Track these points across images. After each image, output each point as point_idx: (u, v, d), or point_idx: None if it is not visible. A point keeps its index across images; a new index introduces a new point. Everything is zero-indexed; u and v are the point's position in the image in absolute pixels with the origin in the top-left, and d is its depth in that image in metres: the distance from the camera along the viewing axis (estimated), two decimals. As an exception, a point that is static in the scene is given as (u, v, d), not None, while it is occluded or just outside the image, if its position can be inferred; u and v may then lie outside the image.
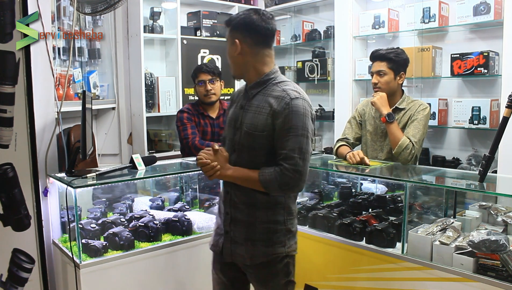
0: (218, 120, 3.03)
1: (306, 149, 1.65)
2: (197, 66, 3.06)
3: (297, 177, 1.64)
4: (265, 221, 1.74)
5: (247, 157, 1.73)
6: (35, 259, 2.18)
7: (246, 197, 1.75)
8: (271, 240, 1.74)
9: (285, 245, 1.76)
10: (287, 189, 1.68)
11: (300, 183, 1.66)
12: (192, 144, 2.86)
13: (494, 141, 1.92)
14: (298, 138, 1.64)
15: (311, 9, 4.30)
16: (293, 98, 1.65)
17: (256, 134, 1.69)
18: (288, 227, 1.77)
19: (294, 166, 1.63)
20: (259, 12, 1.70)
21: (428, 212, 2.39)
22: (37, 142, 2.16)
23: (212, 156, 1.73)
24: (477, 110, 3.05)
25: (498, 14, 2.94)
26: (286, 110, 1.64)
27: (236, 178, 1.73)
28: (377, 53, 2.53)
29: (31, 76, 2.09)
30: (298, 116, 1.64)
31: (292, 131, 1.64)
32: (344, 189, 2.62)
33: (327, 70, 3.95)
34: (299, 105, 1.65)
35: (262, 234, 1.74)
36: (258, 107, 1.71)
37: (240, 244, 1.77)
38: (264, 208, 1.74)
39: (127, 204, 2.58)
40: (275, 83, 1.73)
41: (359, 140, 2.72)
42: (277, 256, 1.75)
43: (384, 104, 2.47)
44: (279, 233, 1.75)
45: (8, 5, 2.02)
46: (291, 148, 1.63)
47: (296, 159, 1.63)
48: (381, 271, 2.07)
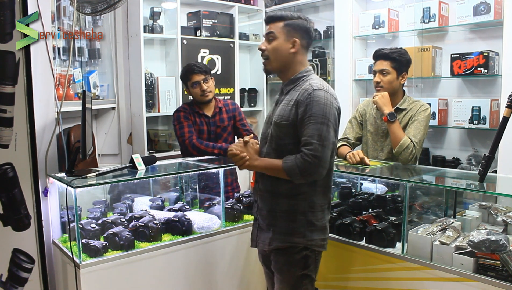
0: (214, 119, 2.99)
1: (326, 136, 1.72)
2: (187, 67, 2.97)
3: (316, 162, 1.70)
4: (285, 210, 1.83)
5: (276, 146, 1.84)
6: (35, 259, 2.18)
7: (270, 186, 1.86)
8: (291, 229, 1.82)
9: (304, 237, 1.82)
10: (308, 175, 1.74)
11: (320, 169, 1.72)
12: (190, 143, 2.83)
13: (494, 141, 1.92)
14: (317, 125, 1.72)
15: (311, 9, 4.30)
16: (316, 89, 1.76)
17: (282, 124, 1.81)
18: (309, 219, 1.82)
19: (312, 151, 1.70)
20: (307, 19, 1.90)
21: (428, 212, 2.39)
22: (37, 142, 2.16)
23: (242, 148, 1.86)
24: (477, 110, 3.05)
25: (498, 14, 2.94)
26: (308, 99, 1.75)
27: (262, 168, 1.85)
28: (380, 52, 2.53)
29: (31, 76, 2.09)
30: (319, 104, 1.73)
31: (312, 118, 1.73)
32: (344, 189, 2.62)
33: (327, 70, 3.95)
34: (320, 95, 1.75)
35: (281, 221, 1.83)
36: (287, 100, 1.84)
37: (264, 231, 1.90)
38: (287, 197, 1.83)
39: (127, 204, 2.58)
40: (307, 80, 1.85)
41: (360, 140, 2.73)
42: (295, 246, 1.82)
43: (386, 103, 2.47)
44: (298, 223, 1.82)
45: (8, 5, 2.01)
46: (310, 134, 1.72)
47: (315, 144, 1.70)
48: (381, 271, 2.07)
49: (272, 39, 1.85)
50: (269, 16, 1.90)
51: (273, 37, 1.85)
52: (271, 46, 1.85)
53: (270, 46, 1.85)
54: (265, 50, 1.86)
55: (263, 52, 1.87)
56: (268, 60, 1.87)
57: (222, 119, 3.02)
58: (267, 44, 1.86)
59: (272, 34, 1.85)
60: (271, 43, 1.85)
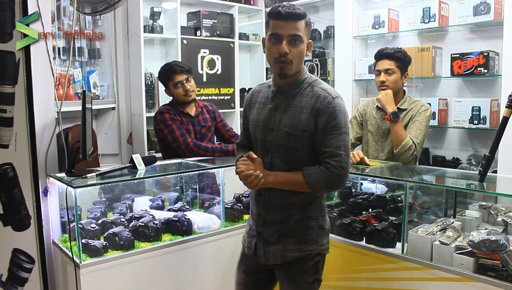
0: (197, 118, 2.93)
1: (349, 146, 1.70)
2: (167, 67, 2.86)
3: (343, 173, 1.66)
4: (298, 219, 1.75)
5: (286, 157, 1.72)
6: (35, 259, 2.18)
7: (281, 199, 1.74)
8: (304, 237, 1.75)
9: (317, 243, 1.77)
10: (334, 187, 1.71)
11: (345, 179, 1.69)
12: (187, 148, 2.75)
13: (494, 141, 1.92)
14: (342, 135, 1.66)
15: (311, 9, 4.30)
16: (335, 97, 1.68)
17: (298, 134, 1.68)
18: (320, 224, 1.78)
19: (340, 163, 1.65)
20: None
21: (428, 212, 2.39)
22: (37, 142, 2.16)
23: (251, 165, 1.71)
24: (477, 110, 3.05)
25: (498, 14, 2.94)
26: (329, 109, 1.65)
27: (278, 183, 1.71)
28: (385, 51, 2.54)
29: (31, 76, 2.09)
30: (341, 114, 1.67)
31: (337, 129, 1.66)
32: (344, 189, 2.62)
33: (327, 70, 3.95)
34: (340, 104, 1.68)
35: (295, 231, 1.75)
36: (298, 107, 1.69)
37: (273, 244, 1.77)
38: (299, 207, 1.74)
39: (127, 204, 2.58)
40: (310, 82, 1.73)
41: (360, 140, 2.73)
42: (309, 254, 1.76)
43: (389, 101, 2.47)
44: (311, 230, 1.76)
45: (8, 5, 2.01)
46: (336, 145, 1.66)
47: (342, 156, 1.66)
48: (381, 271, 2.07)
49: (298, 42, 1.64)
50: (292, 13, 1.62)
51: (299, 40, 1.64)
52: (297, 50, 1.65)
53: (296, 50, 1.64)
54: (289, 53, 1.64)
55: (285, 55, 1.64)
56: (291, 64, 1.66)
57: (206, 119, 2.97)
58: (291, 47, 1.64)
59: (299, 37, 1.64)
60: (297, 47, 1.65)
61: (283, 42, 1.63)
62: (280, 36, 1.64)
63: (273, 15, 1.65)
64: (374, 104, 2.66)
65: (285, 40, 1.63)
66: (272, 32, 1.66)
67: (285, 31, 1.63)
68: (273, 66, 1.71)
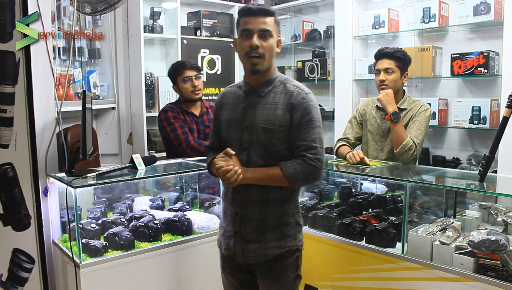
0: (202, 118, 2.96)
1: (323, 139, 1.75)
2: (178, 63, 2.95)
3: (319, 165, 1.71)
4: (277, 216, 1.76)
5: (263, 153, 1.74)
6: (35, 259, 2.18)
7: (259, 195, 1.75)
8: (283, 233, 1.78)
9: (295, 239, 1.80)
10: (311, 179, 1.75)
11: (321, 171, 1.74)
12: (188, 145, 2.77)
13: (494, 141, 1.92)
14: (316, 129, 1.72)
15: (311, 9, 4.30)
16: (307, 93, 1.75)
17: (276, 129, 1.71)
18: (297, 220, 1.82)
19: (316, 155, 1.70)
20: None
21: (428, 212, 2.39)
22: (37, 142, 2.16)
23: (229, 161, 1.70)
24: (477, 110, 3.05)
25: (498, 14, 2.94)
26: (304, 104, 1.71)
27: (257, 179, 1.72)
28: (385, 51, 2.54)
29: (31, 76, 2.09)
30: (314, 108, 1.73)
31: (311, 123, 1.71)
32: (344, 189, 2.62)
33: (327, 70, 3.95)
34: (313, 99, 1.75)
35: (274, 228, 1.76)
36: (273, 103, 1.74)
37: (252, 242, 1.76)
38: (276, 203, 1.76)
39: (127, 204, 2.58)
40: (282, 81, 1.79)
41: (360, 140, 2.73)
42: (289, 250, 1.78)
43: (390, 101, 2.48)
44: (289, 226, 1.79)
45: (8, 5, 2.01)
46: (311, 139, 1.71)
47: (318, 148, 1.71)
48: (381, 271, 2.07)
49: (268, 36, 1.69)
50: (261, 9, 1.70)
51: (269, 35, 1.70)
52: (267, 44, 1.69)
53: (267, 43, 1.69)
54: (260, 47, 1.68)
55: (256, 48, 1.68)
56: (262, 59, 1.70)
57: (210, 119, 2.97)
58: (262, 41, 1.68)
59: (269, 32, 1.69)
60: (267, 41, 1.69)
61: (253, 36, 1.69)
62: (251, 31, 1.69)
63: (243, 12, 1.73)
64: (374, 104, 2.66)
65: (255, 34, 1.69)
66: (242, 28, 1.71)
67: (255, 26, 1.69)
68: (245, 62, 1.75)
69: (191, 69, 2.87)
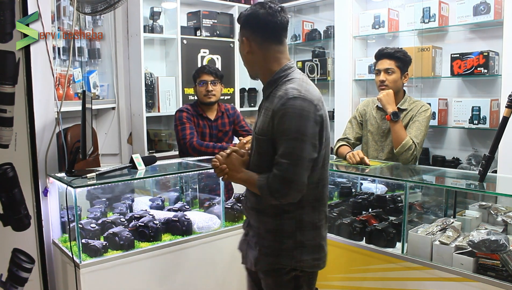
0: (216, 122, 3.04)
1: (300, 155, 1.49)
2: (200, 66, 3.11)
3: (285, 184, 1.51)
4: (271, 229, 1.63)
5: (256, 161, 1.65)
6: (35, 259, 2.18)
7: (255, 203, 1.66)
8: (276, 250, 1.62)
9: (293, 258, 1.61)
10: (279, 197, 1.54)
11: (291, 192, 1.52)
12: (190, 145, 2.85)
13: (494, 141, 1.92)
14: (290, 142, 1.50)
15: (311, 9, 4.30)
16: (291, 97, 1.50)
17: (260, 139, 1.60)
18: (299, 240, 1.61)
19: (281, 172, 1.50)
20: (265, 5, 1.58)
21: (428, 212, 2.39)
22: (37, 142, 2.16)
23: (224, 159, 1.67)
24: (477, 110, 3.05)
25: (498, 14, 2.94)
26: (281, 111, 1.51)
27: (243, 181, 1.66)
28: (385, 51, 2.54)
29: (31, 76, 2.09)
30: (293, 117, 1.49)
31: (285, 134, 1.50)
32: (344, 189, 2.62)
33: (327, 70, 3.95)
34: (295, 105, 1.49)
35: (268, 241, 1.64)
36: (267, 109, 1.59)
37: (251, 249, 1.69)
38: (272, 216, 1.62)
39: (127, 204, 2.58)
40: (285, 81, 1.59)
41: (360, 140, 2.73)
42: (282, 267, 1.62)
43: (390, 101, 2.48)
44: (286, 245, 1.61)
45: (8, 5, 2.01)
46: (281, 153, 1.51)
47: (284, 165, 1.50)
48: (381, 271, 2.07)
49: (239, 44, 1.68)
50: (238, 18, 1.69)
51: (240, 42, 1.67)
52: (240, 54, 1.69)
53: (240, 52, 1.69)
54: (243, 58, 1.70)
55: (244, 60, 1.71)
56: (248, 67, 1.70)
57: (224, 123, 3.07)
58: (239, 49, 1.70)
59: (239, 39, 1.67)
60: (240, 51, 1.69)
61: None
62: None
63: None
64: (374, 104, 2.66)
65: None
66: None
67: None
68: None
69: (208, 74, 2.97)
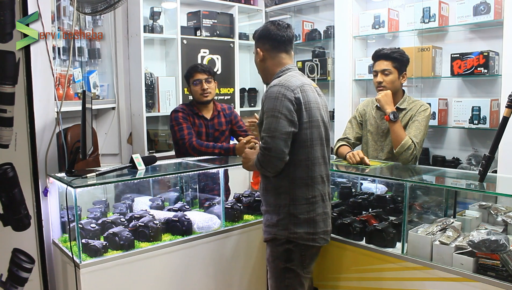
0: (212, 121, 3.01)
1: (275, 128, 1.80)
2: (192, 66, 3.05)
3: (267, 154, 1.82)
4: (272, 204, 1.94)
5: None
6: (35, 259, 2.18)
7: (263, 183, 1.99)
8: (274, 221, 1.92)
9: (287, 229, 1.89)
10: (267, 167, 1.86)
11: (272, 159, 1.82)
12: (190, 145, 2.83)
13: (494, 141, 1.92)
14: (268, 119, 1.83)
15: (311, 9, 4.30)
16: (271, 86, 1.87)
17: (260, 125, 1.93)
18: (292, 213, 1.89)
19: (264, 144, 1.83)
20: (275, 23, 2.00)
21: (428, 212, 2.39)
22: (37, 142, 2.16)
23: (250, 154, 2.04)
24: (477, 110, 3.05)
25: (498, 14, 2.94)
26: (264, 97, 1.88)
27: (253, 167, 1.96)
28: (381, 52, 2.54)
29: (31, 76, 2.09)
30: (270, 100, 1.83)
31: (266, 114, 1.85)
32: (344, 189, 2.62)
33: (327, 70, 3.95)
34: (273, 91, 1.84)
35: (270, 215, 1.94)
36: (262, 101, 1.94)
37: (263, 224, 2.02)
38: (272, 192, 1.94)
39: (127, 204, 2.58)
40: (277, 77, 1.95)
41: (360, 140, 2.73)
42: (277, 238, 1.91)
43: (388, 102, 2.47)
44: (281, 216, 1.90)
45: (8, 5, 2.01)
46: (264, 128, 1.84)
47: (265, 138, 1.82)
48: (381, 271, 2.07)
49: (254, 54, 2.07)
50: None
51: (255, 53, 2.05)
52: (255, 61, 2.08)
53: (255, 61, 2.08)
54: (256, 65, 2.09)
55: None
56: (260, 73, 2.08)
57: (221, 122, 3.04)
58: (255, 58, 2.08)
59: (254, 51, 2.06)
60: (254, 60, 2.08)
61: None
62: None
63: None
64: (374, 104, 2.66)
65: None
66: None
67: None
68: None
69: (201, 72, 2.95)
